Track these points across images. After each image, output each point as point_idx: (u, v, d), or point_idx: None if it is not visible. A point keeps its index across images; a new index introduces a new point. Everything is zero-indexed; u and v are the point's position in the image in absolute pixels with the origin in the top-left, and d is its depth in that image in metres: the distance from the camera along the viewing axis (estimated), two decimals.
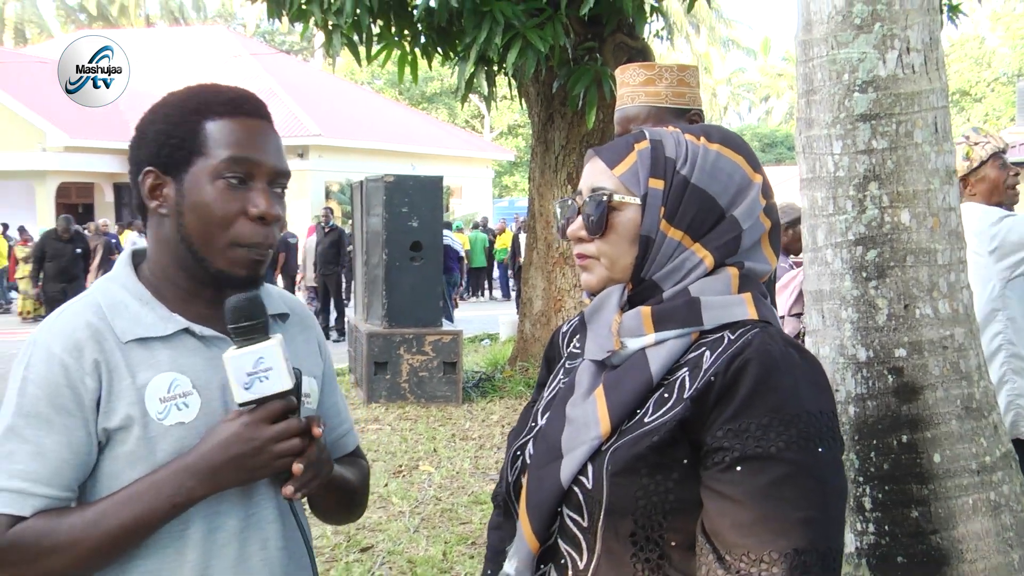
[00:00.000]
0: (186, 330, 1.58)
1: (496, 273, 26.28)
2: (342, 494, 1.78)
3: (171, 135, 1.59)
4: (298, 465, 1.54)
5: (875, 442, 2.51)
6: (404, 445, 8.19)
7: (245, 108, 1.60)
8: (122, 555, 1.53)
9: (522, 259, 13.34)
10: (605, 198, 1.47)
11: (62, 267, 13.32)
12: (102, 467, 1.55)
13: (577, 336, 1.69)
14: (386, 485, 6.87)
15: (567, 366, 1.64)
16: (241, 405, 1.52)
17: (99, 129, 30.67)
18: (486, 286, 26.15)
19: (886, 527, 2.50)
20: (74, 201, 30.45)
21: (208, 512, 1.55)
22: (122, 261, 1.67)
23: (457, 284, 19.02)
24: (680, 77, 2.85)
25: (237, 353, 1.51)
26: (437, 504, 6.51)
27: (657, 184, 1.46)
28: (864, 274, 2.53)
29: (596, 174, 1.51)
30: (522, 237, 17.17)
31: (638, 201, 1.46)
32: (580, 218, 1.51)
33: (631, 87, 2.88)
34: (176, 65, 33.99)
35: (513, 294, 22.53)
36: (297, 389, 1.57)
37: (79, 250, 13.51)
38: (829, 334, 2.60)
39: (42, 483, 1.50)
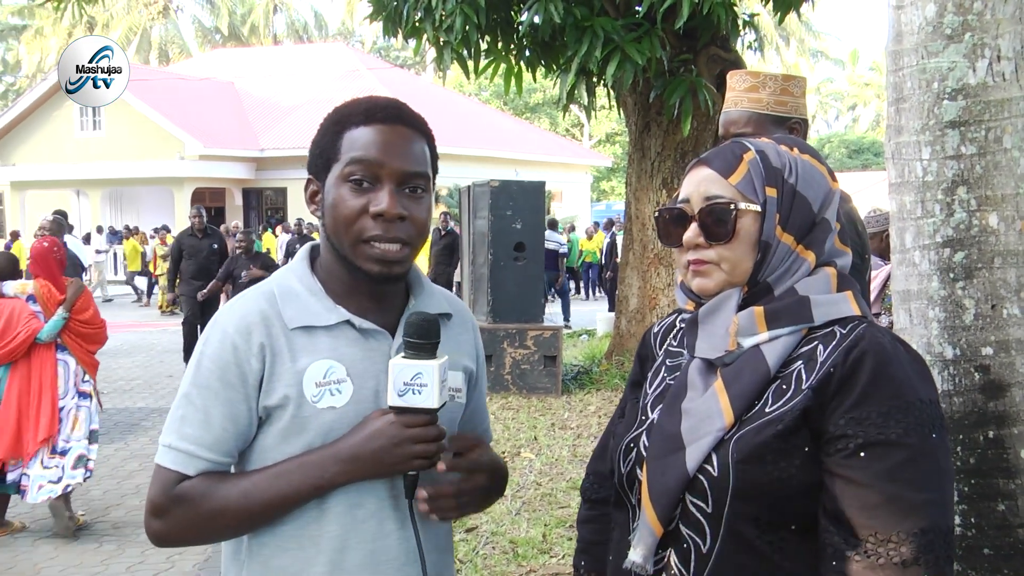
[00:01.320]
0: (348, 322, 1.62)
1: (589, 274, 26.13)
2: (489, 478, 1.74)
3: (318, 145, 1.66)
4: (441, 464, 1.58)
5: (961, 437, 2.44)
6: (507, 433, 8.24)
7: (378, 116, 1.62)
8: (269, 523, 1.60)
9: (619, 259, 13.28)
10: (732, 207, 1.46)
11: (200, 265, 11.50)
12: (259, 440, 1.62)
13: (672, 335, 1.70)
14: None
15: (668, 364, 1.64)
16: (391, 407, 1.56)
17: (230, 139, 31.62)
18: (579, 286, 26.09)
19: (972, 519, 2.43)
20: (207, 205, 31.30)
21: (350, 490, 1.59)
22: (301, 254, 1.73)
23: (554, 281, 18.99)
24: (784, 86, 2.82)
25: (402, 362, 1.55)
26: (537, 489, 6.54)
27: (772, 192, 1.47)
28: (951, 275, 2.46)
29: (708, 183, 1.50)
30: (618, 238, 17.11)
31: (758, 208, 1.47)
32: (695, 225, 1.49)
33: (736, 92, 2.86)
34: (300, 79, 34.75)
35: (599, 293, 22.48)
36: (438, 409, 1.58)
37: (215, 245, 11.91)
38: (916, 332, 2.54)
39: (206, 448, 1.58)
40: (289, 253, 16.59)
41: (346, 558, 1.60)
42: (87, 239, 24.54)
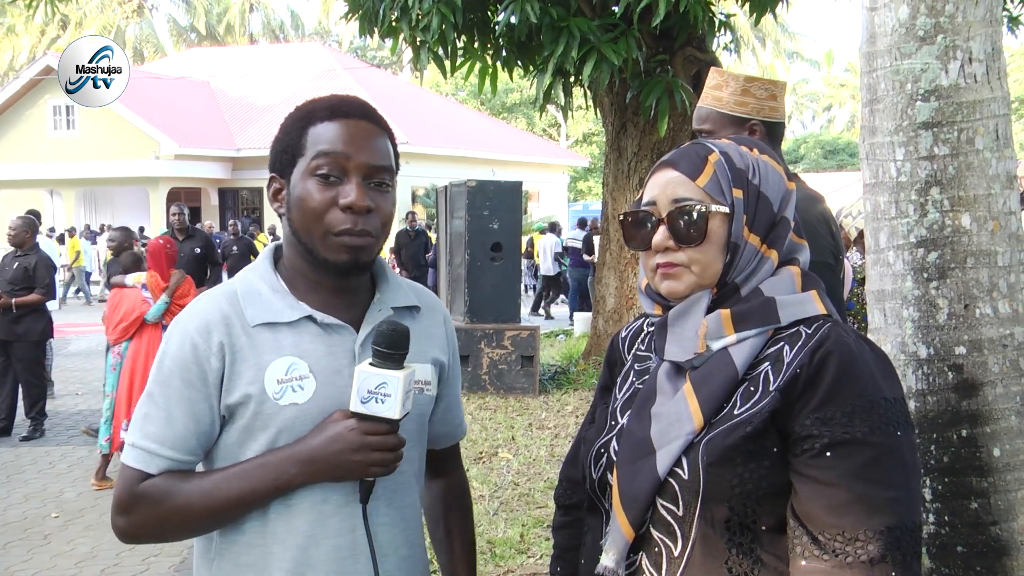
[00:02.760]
0: (310, 317, 1.62)
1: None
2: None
3: (281, 142, 1.66)
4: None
5: (935, 436, 2.46)
6: (484, 433, 8.23)
7: (343, 110, 1.63)
8: (231, 521, 1.60)
9: (596, 259, 13.31)
10: (703, 208, 1.46)
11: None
12: (223, 438, 1.62)
13: (640, 339, 1.69)
14: (467, 471, 6.89)
15: (637, 368, 1.64)
16: (353, 413, 1.56)
17: (206, 138, 31.43)
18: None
19: (946, 518, 2.45)
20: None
21: (315, 487, 1.59)
22: (264, 254, 1.73)
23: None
24: (745, 87, 2.83)
25: (368, 370, 1.55)
26: (515, 489, 6.54)
27: (738, 193, 1.48)
28: (925, 275, 2.48)
29: (675, 185, 1.49)
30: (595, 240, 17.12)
31: (727, 210, 1.47)
32: (664, 228, 1.49)
33: (707, 88, 2.88)
34: (276, 79, 34.59)
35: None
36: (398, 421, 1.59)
37: (198, 249, 10.58)
38: (891, 332, 2.56)
39: (168, 446, 1.59)
40: (225, 256, 14.98)
41: (311, 554, 1.60)
42: (61, 239, 24.29)
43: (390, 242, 18.98)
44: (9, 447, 8.37)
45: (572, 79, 9.92)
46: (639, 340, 1.69)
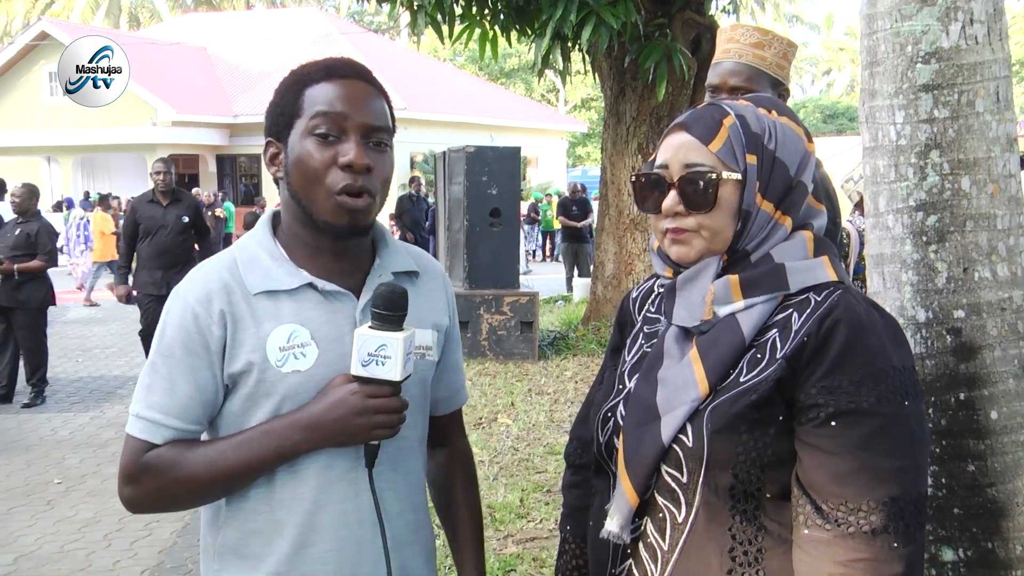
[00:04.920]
0: (310, 285, 1.61)
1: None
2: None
3: (277, 105, 1.65)
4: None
5: (933, 399, 2.46)
6: (484, 399, 8.26)
7: (339, 71, 1.62)
8: (238, 490, 1.61)
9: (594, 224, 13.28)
10: (714, 176, 1.43)
11: (162, 246, 8.24)
12: (227, 407, 1.62)
13: (651, 301, 1.68)
14: (467, 436, 6.94)
15: (646, 331, 1.62)
16: (354, 376, 1.56)
17: (204, 104, 31.26)
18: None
19: (943, 480, 2.46)
20: (180, 171, 31.04)
21: (321, 452, 1.59)
22: (262, 221, 1.71)
23: None
24: (785, 51, 2.82)
25: (367, 333, 1.54)
26: (515, 454, 6.57)
27: (752, 159, 1.45)
28: (924, 238, 2.47)
29: (687, 149, 1.46)
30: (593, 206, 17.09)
31: (739, 176, 1.44)
32: (674, 193, 1.46)
33: (740, 44, 2.82)
34: (273, 45, 34.35)
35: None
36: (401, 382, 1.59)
37: (185, 218, 8.35)
38: (889, 296, 2.55)
39: (172, 416, 1.58)
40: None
41: (318, 519, 1.60)
42: (58, 207, 24.16)
43: (391, 207, 18.95)
44: (11, 414, 8.40)
45: (570, 43, 9.84)
46: (649, 301, 1.68)
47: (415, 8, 9.61)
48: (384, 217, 21.98)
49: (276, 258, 1.63)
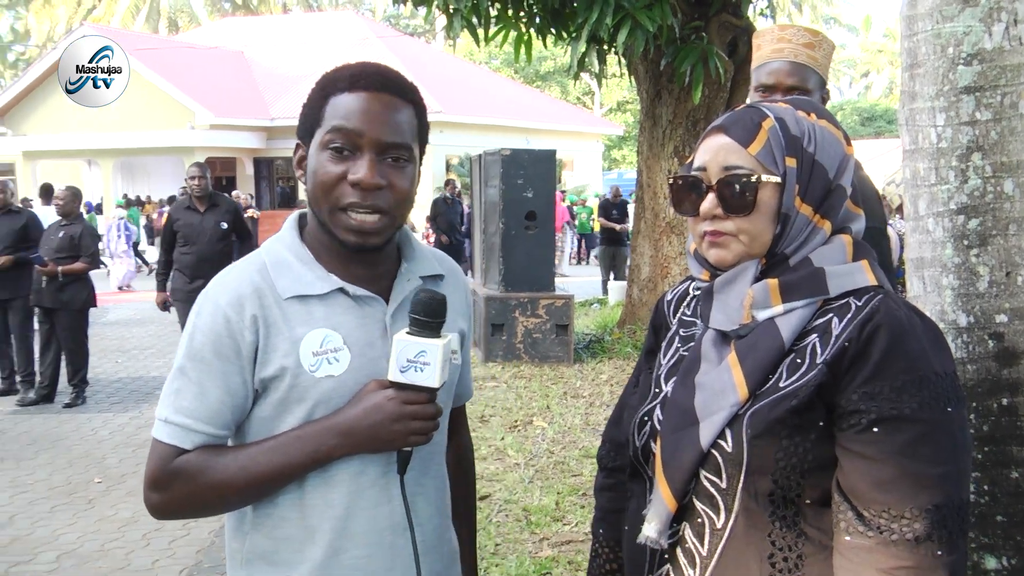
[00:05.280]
0: (341, 290, 1.61)
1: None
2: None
3: (305, 111, 1.63)
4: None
5: (975, 405, 2.44)
6: (519, 402, 8.26)
7: (363, 83, 1.58)
8: (268, 495, 1.59)
9: (631, 228, 13.24)
10: (754, 178, 1.42)
11: (200, 253, 8.15)
12: (256, 411, 1.60)
13: (686, 303, 1.67)
14: (502, 439, 6.94)
15: (682, 334, 1.62)
16: (391, 382, 1.55)
17: (241, 108, 31.55)
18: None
19: (985, 487, 2.43)
20: (218, 174, 31.34)
21: (353, 457, 1.58)
22: (289, 224, 1.70)
23: None
24: (830, 52, 2.81)
25: (406, 339, 1.53)
26: (550, 457, 6.56)
27: (792, 162, 1.43)
28: (965, 242, 2.45)
29: (726, 152, 1.45)
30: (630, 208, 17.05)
31: (778, 179, 1.42)
32: (713, 196, 1.44)
33: (793, 44, 2.80)
34: (310, 48, 34.60)
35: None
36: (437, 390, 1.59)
37: (224, 224, 8.22)
38: (930, 300, 2.53)
39: (203, 421, 1.57)
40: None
41: (349, 525, 1.60)
42: (99, 209, 24.49)
43: (426, 210, 19.01)
44: (52, 414, 8.52)
45: (606, 46, 9.82)
46: (685, 304, 1.67)
47: (451, 11, 9.64)
48: (419, 220, 22.09)
49: (305, 262, 1.63)
